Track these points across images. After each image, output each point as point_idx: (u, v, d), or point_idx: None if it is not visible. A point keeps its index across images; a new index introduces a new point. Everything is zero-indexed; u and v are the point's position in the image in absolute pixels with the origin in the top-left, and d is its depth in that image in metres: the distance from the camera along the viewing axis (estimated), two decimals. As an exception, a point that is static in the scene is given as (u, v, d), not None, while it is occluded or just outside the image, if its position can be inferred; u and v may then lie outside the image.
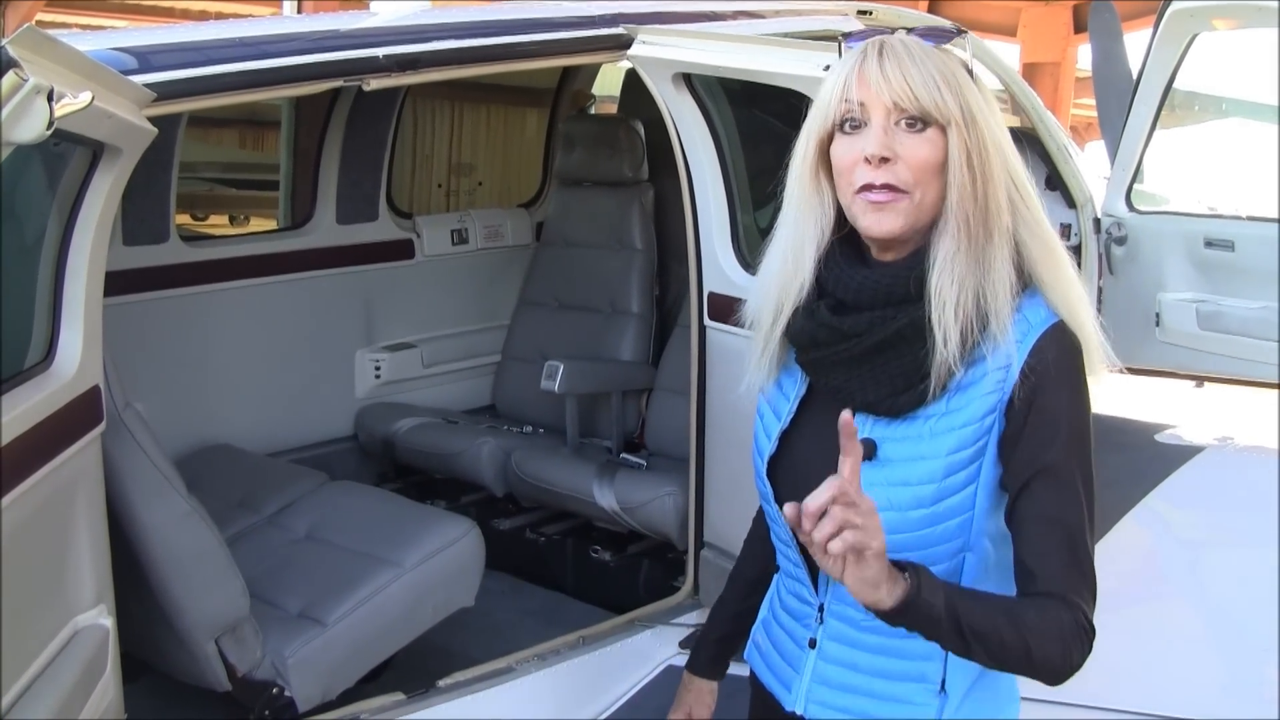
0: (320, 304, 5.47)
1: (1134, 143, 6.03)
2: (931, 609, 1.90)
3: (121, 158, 2.80)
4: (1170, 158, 6.23)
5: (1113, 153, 6.24)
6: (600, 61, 4.77)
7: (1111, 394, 5.97)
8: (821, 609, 2.24)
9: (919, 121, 2.00)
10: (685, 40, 3.90)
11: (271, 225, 6.17)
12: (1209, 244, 5.89)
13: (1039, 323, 2.03)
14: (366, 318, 5.65)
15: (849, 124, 2.04)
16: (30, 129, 2.12)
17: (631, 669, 4.08)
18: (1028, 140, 6.32)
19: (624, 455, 5.06)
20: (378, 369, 5.65)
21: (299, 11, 13.21)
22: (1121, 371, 2.17)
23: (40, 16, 15.80)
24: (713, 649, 2.65)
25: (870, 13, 4.98)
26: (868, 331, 2.07)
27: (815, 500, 1.80)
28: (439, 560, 3.90)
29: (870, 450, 2.08)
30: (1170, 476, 5.10)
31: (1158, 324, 6.03)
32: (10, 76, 2.04)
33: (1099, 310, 6.03)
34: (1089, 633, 2.00)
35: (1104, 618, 4.30)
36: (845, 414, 1.87)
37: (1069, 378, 2.03)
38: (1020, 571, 2.04)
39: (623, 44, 3.98)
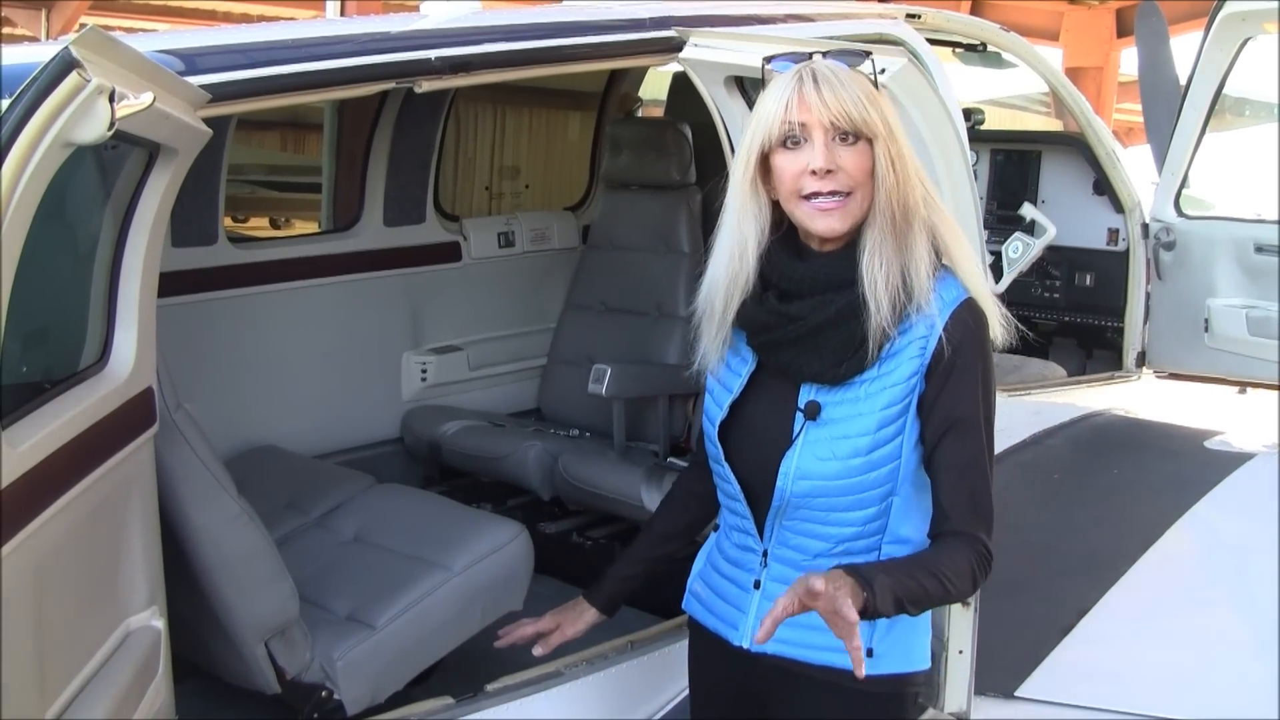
0: (367, 306, 5.48)
1: (1183, 148, 6.00)
2: (885, 608, 2.33)
3: (177, 159, 2.80)
4: (1219, 163, 6.19)
5: (1160, 157, 6.21)
6: (651, 64, 4.78)
7: (1159, 400, 5.94)
8: (765, 554, 2.67)
9: (851, 135, 2.41)
10: (738, 43, 3.87)
11: (312, 228, 6.18)
12: (1259, 249, 5.87)
13: (951, 300, 2.48)
14: (413, 320, 5.65)
15: (790, 140, 2.44)
16: (92, 130, 2.13)
17: (680, 674, 4.02)
18: (1076, 145, 6.29)
19: (671, 459, 5.04)
20: (424, 371, 5.65)
21: (342, 13, 13.24)
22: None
23: (84, 19, 15.91)
24: (614, 585, 3.13)
25: (919, 16, 4.96)
26: (810, 314, 2.50)
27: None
28: (488, 564, 3.90)
29: (815, 412, 2.53)
30: (1220, 484, 5.04)
31: (1207, 329, 6.00)
32: (73, 77, 2.04)
33: (1145, 316, 6.02)
34: (988, 559, 2.50)
35: (1152, 624, 4.29)
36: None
37: (979, 345, 2.51)
38: (936, 511, 2.53)
39: (674, 47, 3.96)
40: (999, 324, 2.58)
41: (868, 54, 2.61)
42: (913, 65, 3.23)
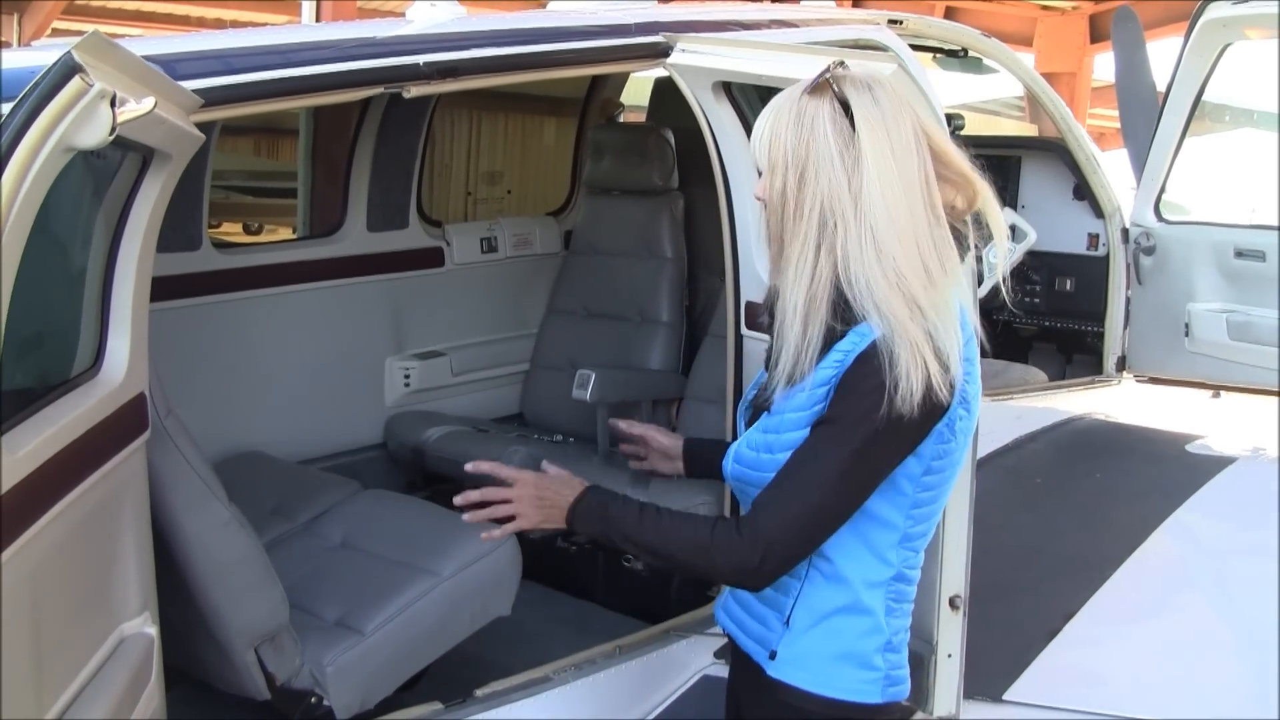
0: (350, 312, 5.47)
1: (1163, 153, 6.03)
2: (586, 523, 2.67)
3: (171, 163, 2.80)
4: (1197, 168, 6.23)
5: (1136, 162, 6.24)
6: (638, 70, 4.79)
7: (1140, 404, 5.97)
8: None
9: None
10: (725, 49, 3.88)
11: (286, 233, 6.16)
12: (1239, 254, 5.90)
13: (870, 331, 2.38)
14: (396, 326, 5.64)
15: None
16: (94, 135, 2.12)
17: (667, 678, 4.07)
18: (1055, 150, 6.33)
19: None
20: (407, 377, 5.64)
21: (317, 17, 13.21)
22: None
23: (56, 24, 15.84)
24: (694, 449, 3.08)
25: (901, 22, 4.97)
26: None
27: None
28: (476, 569, 3.89)
29: (767, 404, 2.57)
30: (1203, 488, 5.08)
31: (1187, 334, 6.03)
32: (76, 82, 2.03)
33: (1126, 320, 6.05)
34: (746, 543, 2.46)
35: (1137, 628, 4.31)
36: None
37: (871, 380, 2.36)
38: None
39: (661, 52, 3.97)
40: (915, 380, 2.36)
41: (841, 63, 2.50)
42: (902, 71, 3.23)
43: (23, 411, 2.36)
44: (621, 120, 6.77)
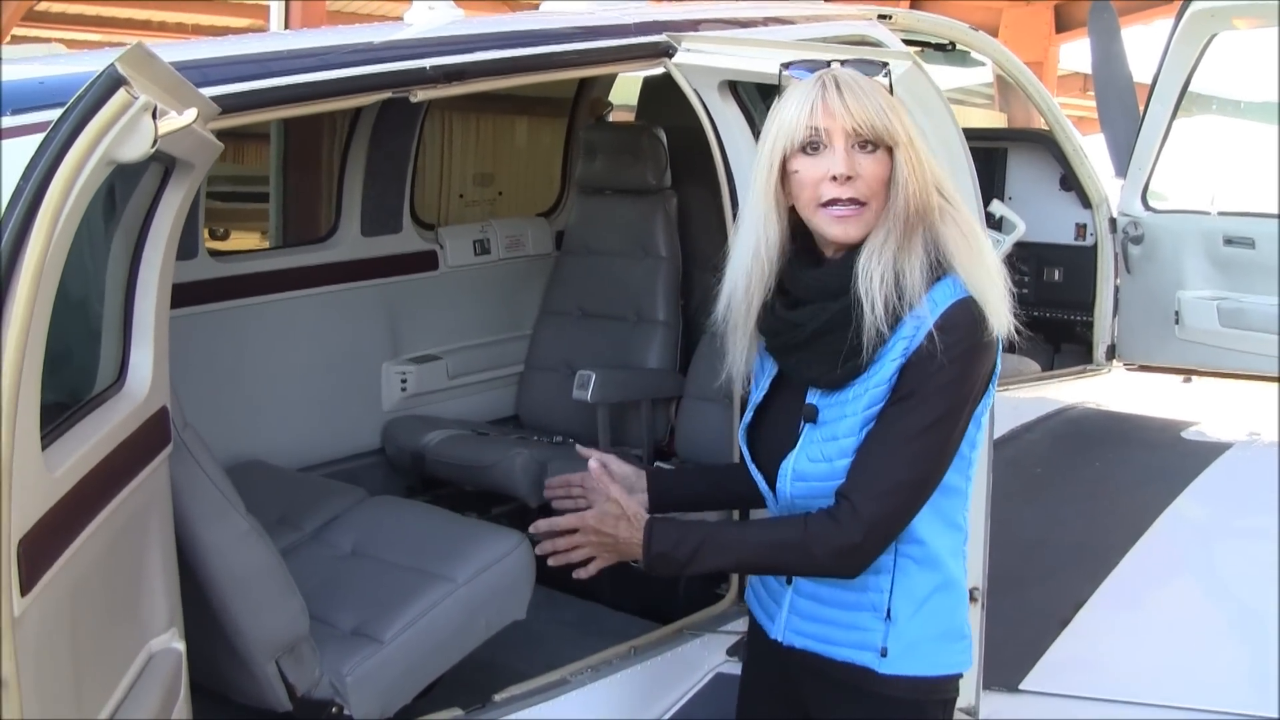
0: (346, 317, 5.45)
1: (1150, 142, 6.05)
2: (668, 566, 2.64)
3: (193, 173, 2.77)
4: (1184, 157, 6.26)
5: (1114, 151, 6.28)
6: (641, 70, 4.77)
7: (1131, 392, 5.99)
8: None
9: (870, 144, 2.47)
10: (731, 48, 3.87)
11: (255, 239, 6.15)
12: (1229, 241, 5.93)
13: (944, 300, 2.47)
14: (392, 330, 5.63)
15: (810, 146, 2.49)
16: (137, 147, 2.10)
17: (681, 678, 4.06)
18: (1042, 141, 6.35)
19: (656, 463, 5.04)
20: (404, 381, 5.62)
21: (285, 22, 13.15)
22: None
23: (16, 31, 15.70)
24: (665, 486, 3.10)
25: (890, 17, 4.98)
26: (809, 320, 2.55)
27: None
28: (491, 574, 3.87)
29: (812, 415, 2.60)
30: (1202, 474, 5.10)
31: (1177, 322, 6.05)
32: (120, 95, 2.01)
33: (1115, 310, 6.07)
34: (843, 525, 2.50)
35: (1146, 615, 4.33)
36: (592, 463, 2.86)
37: (958, 344, 2.46)
38: None
39: (664, 51, 3.95)
40: (1001, 323, 2.53)
41: (884, 64, 2.64)
42: (916, 69, 3.25)
43: (55, 429, 2.33)
44: (610, 119, 6.77)
